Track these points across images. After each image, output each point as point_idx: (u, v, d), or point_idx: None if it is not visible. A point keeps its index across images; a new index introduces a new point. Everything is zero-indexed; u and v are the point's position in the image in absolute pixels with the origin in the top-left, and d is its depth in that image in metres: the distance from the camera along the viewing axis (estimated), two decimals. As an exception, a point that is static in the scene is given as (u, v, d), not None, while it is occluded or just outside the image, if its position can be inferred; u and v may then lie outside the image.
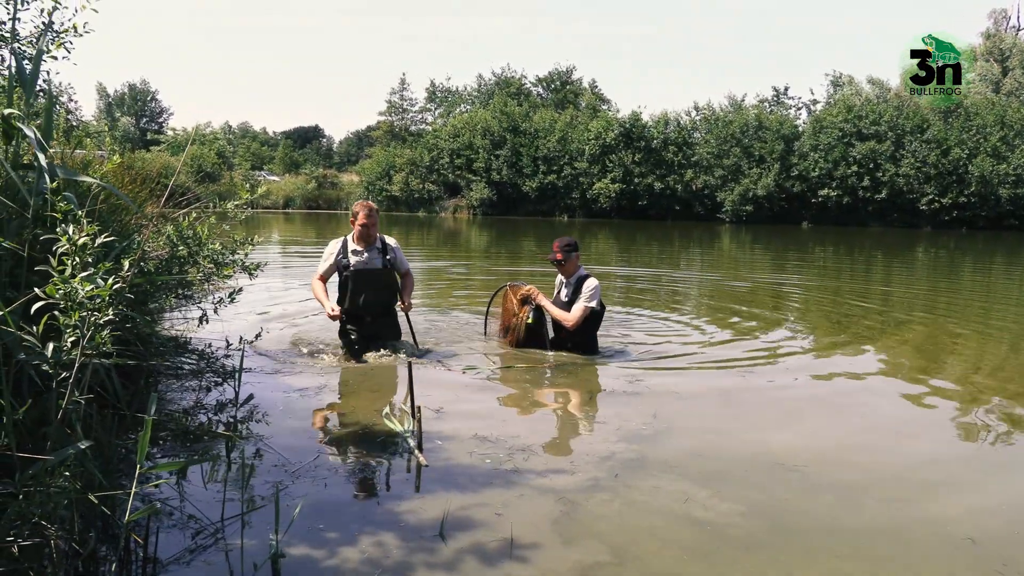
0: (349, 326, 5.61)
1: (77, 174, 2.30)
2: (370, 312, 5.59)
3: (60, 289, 1.83)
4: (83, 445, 1.96)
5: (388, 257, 5.68)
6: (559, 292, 6.05)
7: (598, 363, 5.75)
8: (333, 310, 5.26)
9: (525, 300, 5.96)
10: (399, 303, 5.69)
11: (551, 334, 6.00)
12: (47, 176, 2.06)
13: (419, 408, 3.78)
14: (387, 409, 4.14)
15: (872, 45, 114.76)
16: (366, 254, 5.60)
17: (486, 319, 6.76)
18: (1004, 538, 3.00)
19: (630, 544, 2.82)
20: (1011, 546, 2.92)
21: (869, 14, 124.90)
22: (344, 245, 5.61)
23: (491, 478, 3.39)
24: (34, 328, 1.89)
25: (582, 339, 5.92)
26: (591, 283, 5.77)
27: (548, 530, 2.90)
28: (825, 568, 2.69)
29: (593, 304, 5.74)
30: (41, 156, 2.05)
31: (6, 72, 2.93)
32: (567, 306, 5.84)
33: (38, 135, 2.11)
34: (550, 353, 5.88)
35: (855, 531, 2.99)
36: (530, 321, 5.88)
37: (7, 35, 3.49)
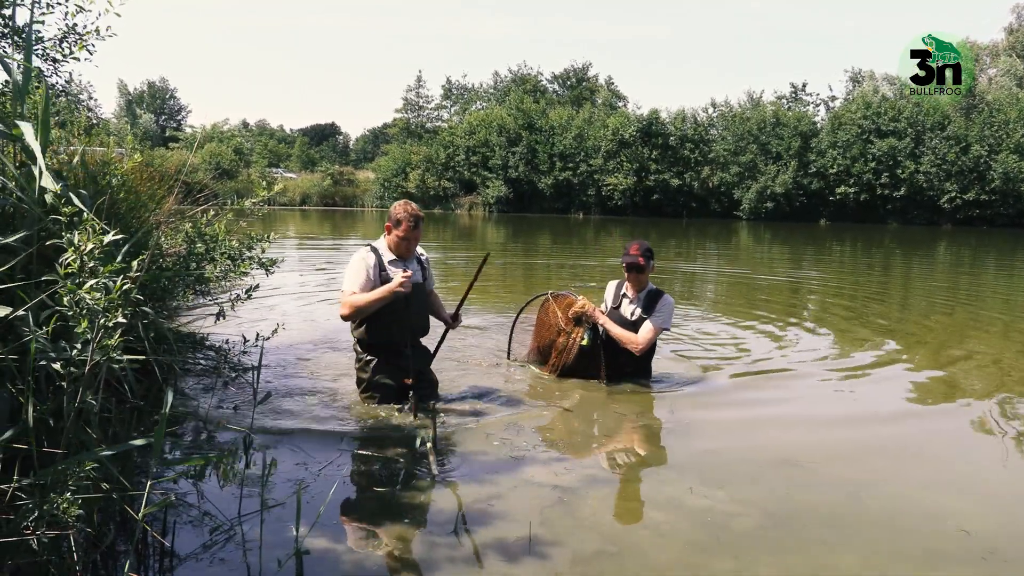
0: (379, 372, 4.31)
1: (69, 187, 2.32)
2: (411, 340, 4.36)
3: (66, 297, 1.83)
4: (104, 453, 1.98)
5: (426, 273, 4.50)
6: (618, 306, 5.01)
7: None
8: (405, 275, 3.99)
9: (579, 319, 4.88)
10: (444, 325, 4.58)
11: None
12: (41, 176, 2.08)
13: (436, 408, 3.79)
14: (407, 406, 4.14)
15: (892, 41, 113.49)
16: (406, 269, 4.22)
17: (510, 338, 5.62)
18: (994, 530, 3.06)
19: (635, 536, 2.89)
20: (1000, 537, 2.99)
21: (890, 10, 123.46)
22: (378, 258, 4.25)
23: (506, 473, 3.41)
24: (46, 329, 1.91)
25: (644, 363, 5.03)
26: (668, 300, 4.84)
27: (558, 523, 2.92)
28: (819, 558, 2.76)
29: (668, 326, 4.91)
30: (39, 155, 2.06)
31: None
32: (633, 325, 4.88)
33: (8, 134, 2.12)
34: (605, 384, 4.91)
35: (851, 524, 3.07)
36: (585, 343, 4.85)
37: (29, 39, 3.54)
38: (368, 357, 4.34)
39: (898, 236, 28.97)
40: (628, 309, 4.92)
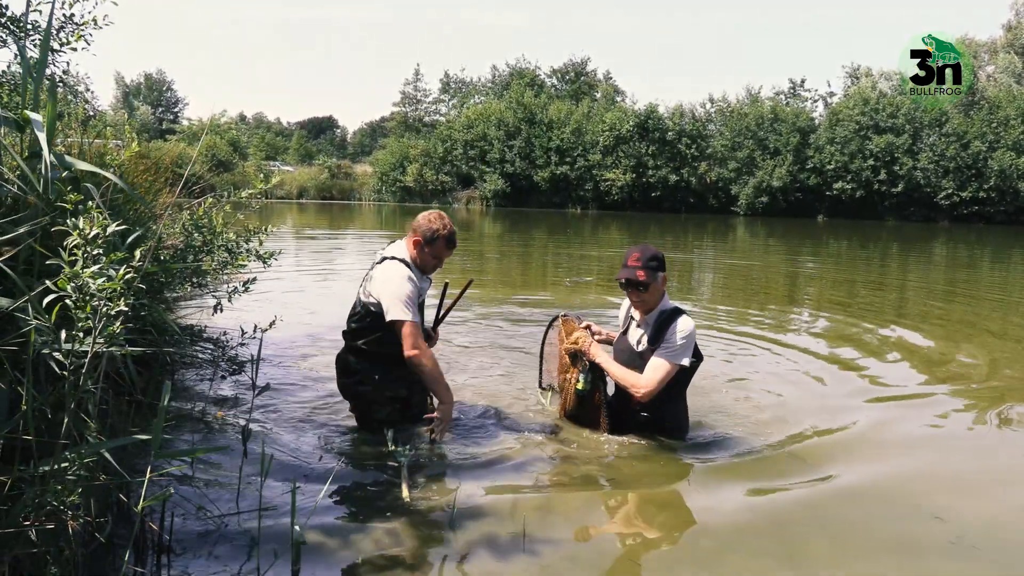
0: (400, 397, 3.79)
1: (79, 162, 2.32)
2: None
3: (71, 283, 1.84)
4: (104, 447, 1.98)
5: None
6: (626, 330, 3.87)
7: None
8: (452, 421, 3.62)
9: (575, 356, 3.82)
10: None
11: (610, 391, 3.91)
12: (48, 165, 2.08)
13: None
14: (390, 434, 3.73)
15: (891, 36, 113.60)
16: (428, 285, 3.90)
17: (540, 366, 4.65)
18: (967, 518, 3.14)
19: (621, 528, 2.96)
20: (971, 525, 3.08)
21: (889, 6, 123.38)
22: (417, 276, 3.68)
23: (501, 473, 3.43)
24: (49, 316, 1.91)
25: (665, 410, 3.76)
26: (684, 326, 3.55)
27: (550, 520, 2.96)
28: (793, 543, 2.88)
29: (684, 361, 3.57)
30: (44, 144, 2.06)
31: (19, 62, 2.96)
32: (640, 357, 3.68)
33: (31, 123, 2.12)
34: (609, 436, 3.82)
35: (827, 509, 3.19)
36: (580, 387, 3.77)
37: (27, 28, 3.53)
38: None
39: (896, 233, 29.02)
40: (634, 335, 3.76)
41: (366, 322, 3.66)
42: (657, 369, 3.54)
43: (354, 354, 3.76)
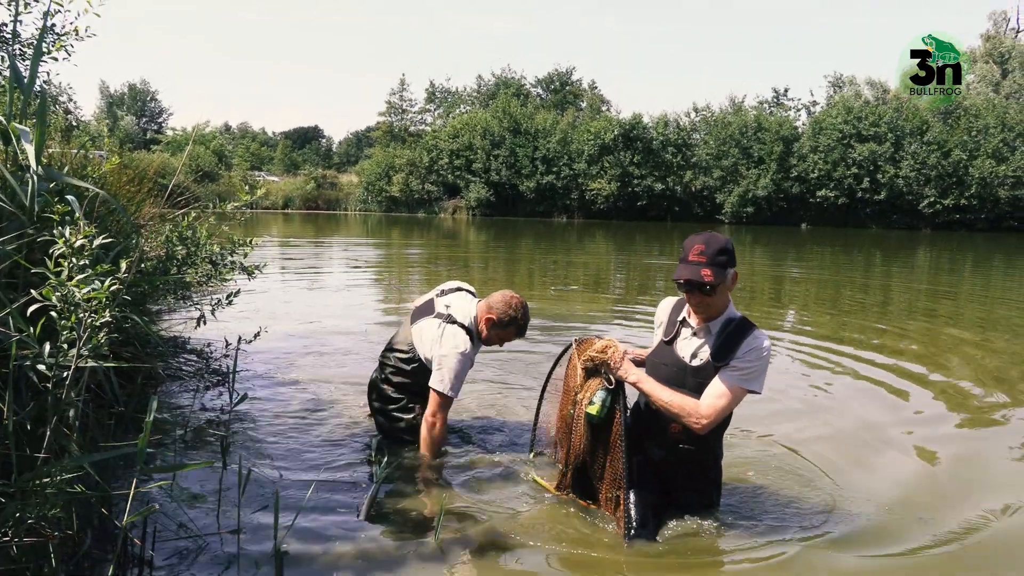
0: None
1: (68, 178, 2.31)
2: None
3: (57, 292, 1.84)
4: (86, 461, 1.96)
5: None
6: (672, 339, 2.96)
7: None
8: None
9: (593, 370, 2.98)
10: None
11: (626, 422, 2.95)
12: (35, 179, 2.08)
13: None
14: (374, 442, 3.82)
15: (872, 47, 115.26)
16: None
17: (535, 424, 3.73)
18: (946, 514, 3.11)
19: (608, 535, 2.91)
20: (949, 518, 3.09)
21: (869, 16, 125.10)
22: (476, 347, 3.62)
23: (484, 482, 3.43)
24: (32, 329, 1.90)
25: (710, 440, 2.97)
26: (761, 343, 2.79)
27: (535, 530, 2.96)
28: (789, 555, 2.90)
29: (757, 387, 2.80)
30: (32, 159, 2.06)
31: (6, 72, 2.95)
32: (694, 377, 2.86)
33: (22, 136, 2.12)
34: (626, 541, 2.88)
35: (813, 507, 3.23)
36: (595, 411, 2.90)
37: (7, 36, 3.51)
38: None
39: (880, 240, 29.29)
40: (689, 346, 2.92)
41: (413, 367, 3.66)
42: (723, 395, 2.77)
43: (391, 385, 3.76)
